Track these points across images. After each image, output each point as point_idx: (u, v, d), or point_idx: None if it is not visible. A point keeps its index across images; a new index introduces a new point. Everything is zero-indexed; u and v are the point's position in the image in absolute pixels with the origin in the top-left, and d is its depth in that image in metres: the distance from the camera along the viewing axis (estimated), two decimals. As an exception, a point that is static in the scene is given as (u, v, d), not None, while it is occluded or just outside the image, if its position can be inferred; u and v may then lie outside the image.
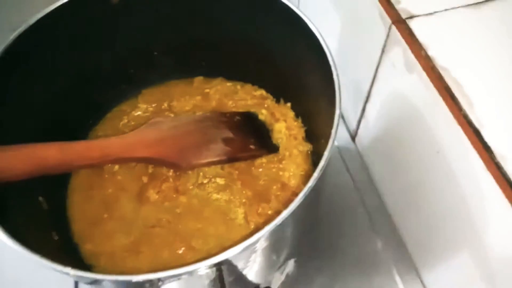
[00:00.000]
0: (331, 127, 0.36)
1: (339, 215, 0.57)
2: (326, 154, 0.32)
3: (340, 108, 0.34)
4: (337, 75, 0.36)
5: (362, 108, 0.57)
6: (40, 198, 0.44)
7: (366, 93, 0.54)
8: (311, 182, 0.31)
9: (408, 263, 0.53)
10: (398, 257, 0.54)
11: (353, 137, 0.63)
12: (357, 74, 0.54)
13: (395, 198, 0.56)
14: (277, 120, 0.53)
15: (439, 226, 0.45)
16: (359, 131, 0.61)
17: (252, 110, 0.54)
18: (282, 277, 0.52)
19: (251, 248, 0.31)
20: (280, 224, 0.31)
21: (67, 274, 0.29)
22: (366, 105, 0.55)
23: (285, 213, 0.30)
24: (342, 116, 0.64)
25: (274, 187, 0.49)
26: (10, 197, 0.38)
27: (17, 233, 0.31)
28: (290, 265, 0.53)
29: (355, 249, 0.55)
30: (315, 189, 0.32)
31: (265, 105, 0.55)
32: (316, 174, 0.31)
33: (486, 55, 0.41)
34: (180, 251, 0.45)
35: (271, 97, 0.55)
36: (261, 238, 0.30)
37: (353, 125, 0.62)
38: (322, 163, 0.32)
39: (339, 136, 0.64)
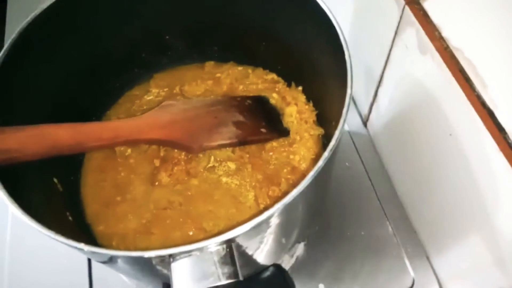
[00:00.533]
0: (342, 109, 0.36)
1: (350, 199, 0.57)
2: (336, 133, 0.32)
3: (351, 88, 0.34)
4: (349, 55, 0.36)
5: (374, 92, 0.56)
6: (55, 179, 0.45)
7: (378, 77, 0.53)
8: (321, 162, 0.31)
9: (418, 247, 0.53)
10: (408, 241, 0.54)
11: (364, 122, 0.63)
12: (369, 57, 0.53)
13: (406, 183, 0.55)
14: (288, 104, 0.53)
15: (450, 209, 0.45)
16: (371, 116, 0.60)
17: (263, 94, 0.54)
18: (292, 260, 0.53)
19: (261, 227, 0.32)
20: (290, 203, 0.31)
21: (82, 250, 0.29)
22: (378, 89, 0.55)
23: (295, 192, 0.30)
24: (353, 101, 0.64)
25: (285, 170, 0.49)
26: (27, 177, 0.39)
27: (34, 212, 0.32)
28: (300, 248, 0.54)
29: (365, 233, 0.55)
30: (325, 170, 0.32)
31: (276, 89, 0.55)
32: (326, 154, 0.31)
33: (502, 35, 0.40)
34: (191, 233, 0.46)
35: (282, 81, 0.55)
36: (271, 217, 0.30)
37: (365, 110, 0.62)
38: (332, 142, 0.32)
39: (350, 121, 0.64)
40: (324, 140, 0.51)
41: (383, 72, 0.52)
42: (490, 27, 0.40)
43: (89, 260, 0.54)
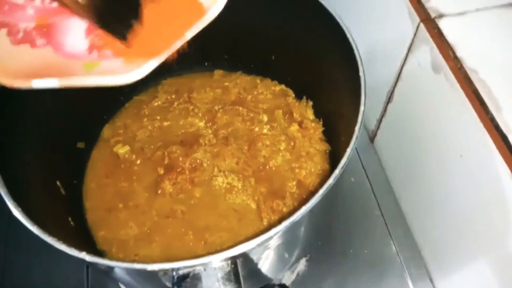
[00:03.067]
0: (352, 125, 0.36)
1: (354, 216, 0.57)
2: (348, 151, 0.31)
3: (364, 105, 0.34)
4: (363, 71, 0.35)
5: (383, 108, 0.56)
6: (58, 182, 0.44)
7: (388, 93, 0.53)
8: (331, 180, 0.30)
9: (421, 268, 0.52)
10: (412, 261, 0.53)
11: (371, 138, 0.62)
12: (381, 72, 0.53)
13: (411, 202, 0.54)
14: (291, 123, 0.52)
15: (457, 231, 0.44)
16: (379, 132, 0.60)
17: (272, 104, 0.53)
18: (293, 276, 0.52)
19: (266, 243, 0.31)
20: (297, 221, 0.30)
21: (83, 259, 0.29)
22: (387, 105, 0.54)
23: (303, 210, 0.29)
24: (361, 116, 0.63)
25: (290, 184, 0.48)
26: (30, 179, 0.38)
27: (36, 217, 0.31)
28: (302, 264, 0.53)
29: (368, 251, 0.54)
30: (334, 188, 0.32)
31: (286, 103, 0.54)
32: (337, 171, 0.31)
33: (517, 58, 0.39)
34: (191, 243, 0.45)
35: (292, 93, 0.54)
36: (277, 233, 0.30)
37: (372, 125, 0.61)
38: (343, 160, 0.31)
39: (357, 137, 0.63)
40: (331, 157, 0.50)
41: (393, 88, 0.52)
42: (507, 50, 0.40)
43: (87, 267, 0.53)
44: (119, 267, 0.28)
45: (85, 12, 0.33)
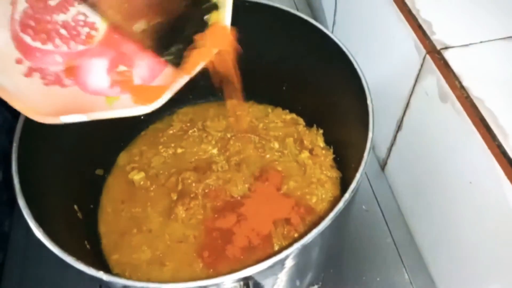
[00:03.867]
0: (362, 152, 0.37)
1: (366, 244, 0.56)
2: (357, 176, 0.32)
3: (373, 132, 0.35)
4: (371, 100, 0.37)
5: (393, 137, 0.57)
6: (75, 206, 0.46)
7: (398, 122, 0.54)
8: (341, 203, 0.31)
9: (436, 298, 0.52)
10: (426, 290, 0.52)
11: (382, 167, 0.63)
12: (389, 102, 0.54)
13: (423, 229, 0.54)
14: (302, 150, 0.54)
15: (469, 260, 0.44)
16: (389, 161, 0.61)
17: (283, 133, 0.55)
18: (305, 304, 0.51)
19: (277, 266, 0.31)
20: (308, 244, 0.31)
21: (100, 278, 0.29)
22: (397, 134, 0.55)
23: (314, 232, 0.30)
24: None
25: (301, 210, 0.49)
26: (50, 203, 0.40)
27: (55, 238, 0.32)
28: (314, 292, 0.53)
29: (380, 279, 0.53)
30: (344, 212, 0.33)
31: (297, 130, 0.55)
32: (347, 195, 0.31)
33: (522, 87, 0.40)
34: (202, 269, 0.46)
35: (302, 121, 0.56)
36: (289, 256, 0.30)
37: (382, 154, 0.62)
38: (353, 184, 0.32)
39: (368, 165, 0.64)
40: (342, 184, 0.51)
41: (402, 117, 0.53)
42: (511, 79, 0.41)
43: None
44: (134, 286, 0.29)
45: (143, 39, 0.39)
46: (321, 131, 0.54)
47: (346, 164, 0.51)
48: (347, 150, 0.49)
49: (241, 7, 0.47)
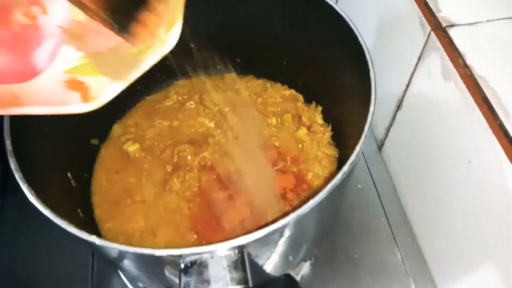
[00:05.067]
0: (361, 129, 0.36)
1: (360, 222, 0.57)
2: (357, 149, 0.32)
3: (374, 105, 0.34)
4: (374, 73, 0.36)
5: (392, 116, 0.56)
6: (69, 174, 0.45)
7: (398, 101, 0.53)
8: (340, 175, 0.31)
9: (426, 277, 0.52)
10: (417, 270, 0.52)
11: (379, 147, 0.63)
12: (390, 80, 0.53)
13: (418, 210, 0.54)
14: (300, 126, 0.53)
15: (463, 238, 0.44)
16: (386, 141, 0.60)
17: (281, 108, 0.54)
18: (297, 279, 0.52)
19: (273, 236, 0.31)
20: (303, 215, 0.30)
21: (93, 243, 0.29)
22: (397, 113, 0.55)
23: (311, 203, 0.30)
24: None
25: (297, 186, 0.48)
26: (44, 169, 0.39)
27: (48, 203, 0.32)
28: (306, 267, 0.53)
29: (373, 258, 0.53)
30: (341, 185, 0.32)
31: (295, 107, 0.55)
32: (346, 168, 0.31)
33: (527, 67, 0.40)
34: (195, 240, 0.45)
35: (301, 97, 0.55)
36: (285, 226, 0.30)
37: (381, 134, 0.61)
38: (353, 156, 0.31)
39: (366, 145, 0.64)
40: (340, 162, 0.50)
41: (403, 96, 0.52)
42: (516, 58, 0.40)
43: (92, 268, 0.53)
44: (127, 251, 0.29)
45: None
46: (320, 108, 0.54)
47: (344, 142, 0.50)
48: (346, 128, 0.49)
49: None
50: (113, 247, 0.29)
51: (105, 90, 0.29)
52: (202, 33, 0.53)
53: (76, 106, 0.29)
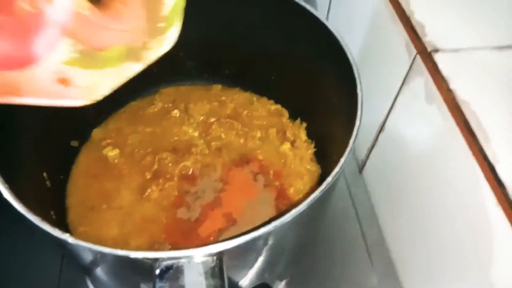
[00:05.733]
0: (346, 144, 0.36)
1: (338, 243, 0.56)
2: (342, 160, 0.32)
3: (360, 120, 0.35)
4: (361, 89, 0.36)
5: (374, 138, 0.57)
6: (45, 174, 0.44)
7: (381, 122, 0.54)
8: (324, 185, 0.30)
9: (402, 300, 0.52)
10: (393, 292, 0.52)
11: (360, 168, 0.63)
12: (374, 102, 0.54)
13: (396, 232, 0.55)
14: (284, 141, 0.53)
15: (441, 261, 0.44)
16: (368, 162, 0.61)
17: (266, 122, 0.54)
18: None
19: (251, 246, 0.31)
20: (284, 225, 0.30)
21: (65, 240, 0.28)
22: (379, 134, 0.55)
23: (292, 212, 0.29)
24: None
25: (278, 200, 0.48)
26: (20, 164, 0.38)
27: (21, 199, 0.31)
28: (281, 287, 0.52)
29: (349, 281, 0.53)
30: (322, 198, 0.32)
31: (280, 122, 0.55)
32: (329, 179, 0.31)
33: (506, 95, 0.41)
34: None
35: (286, 113, 0.55)
36: (262, 237, 0.30)
37: (362, 155, 0.62)
38: (336, 169, 0.31)
39: (346, 166, 0.64)
40: (322, 180, 0.50)
41: (386, 118, 0.53)
42: (497, 86, 0.42)
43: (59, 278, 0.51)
44: (101, 252, 0.27)
45: None
46: (304, 124, 0.54)
47: (327, 160, 0.50)
48: (329, 145, 0.49)
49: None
50: (86, 246, 0.28)
51: (100, 85, 0.30)
52: (192, 42, 0.53)
53: (71, 100, 0.29)
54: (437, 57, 0.44)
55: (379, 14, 0.50)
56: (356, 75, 0.37)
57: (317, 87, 0.48)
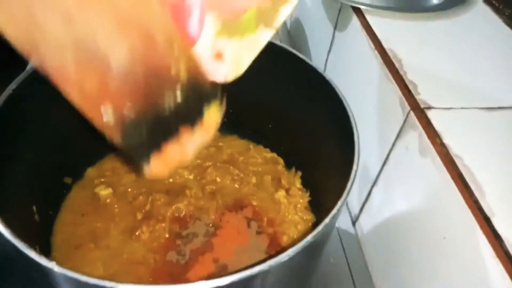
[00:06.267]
0: (340, 195, 0.36)
1: (330, 300, 0.54)
2: (339, 204, 0.32)
3: (357, 165, 0.35)
4: (358, 136, 0.37)
5: (367, 192, 0.57)
6: (34, 207, 0.43)
7: (374, 176, 0.55)
8: (320, 227, 0.30)
9: None
10: None
11: (353, 222, 0.63)
12: (368, 155, 0.55)
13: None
14: (279, 188, 0.53)
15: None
16: (361, 216, 0.60)
17: (262, 169, 0.54)
18: None
19: (241, 286, 0.29)
20: (275, 267, 0.29)
21: (51, 269, 0.27)
22: (372, 188, 0.56)
23: (283, 255, 0.29)
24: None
25: (270, 248, 0.47)
26: (8, 195, 0.37)
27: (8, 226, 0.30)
28: None
29: None
30: (316, 243, 0.31)
31: (276, 169, 0.55)
32: (327, 220, 0.31)
33: (497, 151, 0.42)
34: None
35: (282, 162, 0.56)
36: (254, 277, 0.29)
37: (355, 209, 0.62)
38: (334, 211, 0.31)
39: (340, 219, 0.63)
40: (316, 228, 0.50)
41: (380, 172, 0.53)
42: (488, 143, 0.43)
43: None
44: (87, 283, 0.26)
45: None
46: (299, 173, 0.54)
47: (321, 209, 0.50)
48: (324, 195, 0.49)
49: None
50: (71, 276, 0.27)
51: (243, 57, 0.34)
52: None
53: (220, 75, 0.34)
54: (430, 114, 0.45)
55: (374, 72, 0.53)
56: (353, 123, 0.38)
57: (314, 138, 0.49)
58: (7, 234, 0.28)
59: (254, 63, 0.51)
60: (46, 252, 0.44)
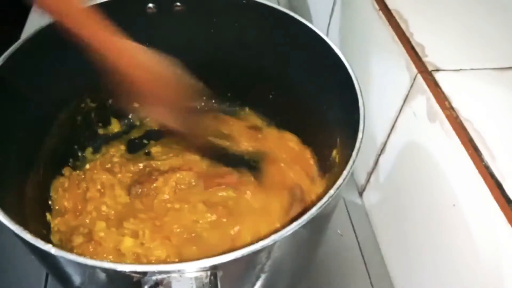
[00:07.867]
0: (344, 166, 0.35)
1: (338, 269, 0.54)
2: (344, 173, 0.30)
3: (363, 133, 0.33)
4: (363, 103, 0.35)
5: (374, 161, 0.55)
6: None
7: (381, 144, 0.53)
8: (326, 198, 0.29)
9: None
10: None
11: (360, 193, 0.62)
12: (374, 123, 0.53)
13: (398, 260, 0.52)
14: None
15: (446, 287, 0.42)
16: (368, 186, 0.59)
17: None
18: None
19: (248, 261, 0.29)
20: (285, 238, 0.28)
21: (48, 252, 0.26)
22: (379, 157, 0.54)
23: (294, 225, 0.28)
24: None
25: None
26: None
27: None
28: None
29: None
30: (324, 212, 0.30)
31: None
32: (332, 191, 0.29)
33: (509, 114, 0.40)
34: None
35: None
36: (261, 250, 0.28)
37: (362, 180, 0.61)
38: (340, 181, 0.30)
39: (346, 190, 0.62)
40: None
41: (386, 140, 0.52)
42: (498, 106, 0.41)
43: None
44: (86, 265, 0.25)
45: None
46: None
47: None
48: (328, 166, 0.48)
49: (241, 7, 0.47)
50: (69, 259, 0.26)
51: None
52: (188, 61, 0.52)
53: None
54: (438, 76, 0.43)
55: (379, 34, 0.50)
56: (358, 89, 0.36)
57: (317, 105, 0.47)
58: (4, 219, 0.27)
59: (253, 29, 0.49)
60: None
